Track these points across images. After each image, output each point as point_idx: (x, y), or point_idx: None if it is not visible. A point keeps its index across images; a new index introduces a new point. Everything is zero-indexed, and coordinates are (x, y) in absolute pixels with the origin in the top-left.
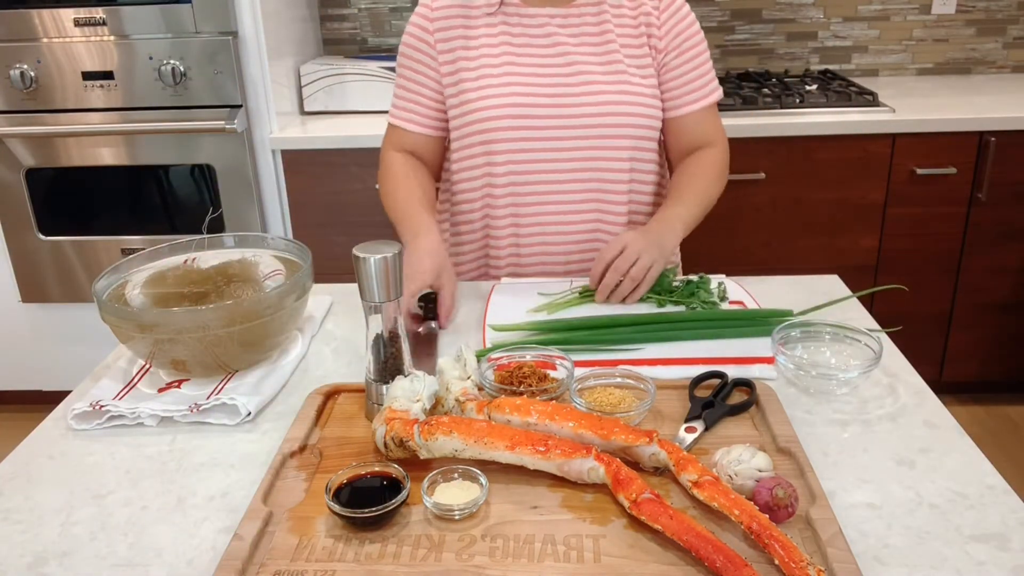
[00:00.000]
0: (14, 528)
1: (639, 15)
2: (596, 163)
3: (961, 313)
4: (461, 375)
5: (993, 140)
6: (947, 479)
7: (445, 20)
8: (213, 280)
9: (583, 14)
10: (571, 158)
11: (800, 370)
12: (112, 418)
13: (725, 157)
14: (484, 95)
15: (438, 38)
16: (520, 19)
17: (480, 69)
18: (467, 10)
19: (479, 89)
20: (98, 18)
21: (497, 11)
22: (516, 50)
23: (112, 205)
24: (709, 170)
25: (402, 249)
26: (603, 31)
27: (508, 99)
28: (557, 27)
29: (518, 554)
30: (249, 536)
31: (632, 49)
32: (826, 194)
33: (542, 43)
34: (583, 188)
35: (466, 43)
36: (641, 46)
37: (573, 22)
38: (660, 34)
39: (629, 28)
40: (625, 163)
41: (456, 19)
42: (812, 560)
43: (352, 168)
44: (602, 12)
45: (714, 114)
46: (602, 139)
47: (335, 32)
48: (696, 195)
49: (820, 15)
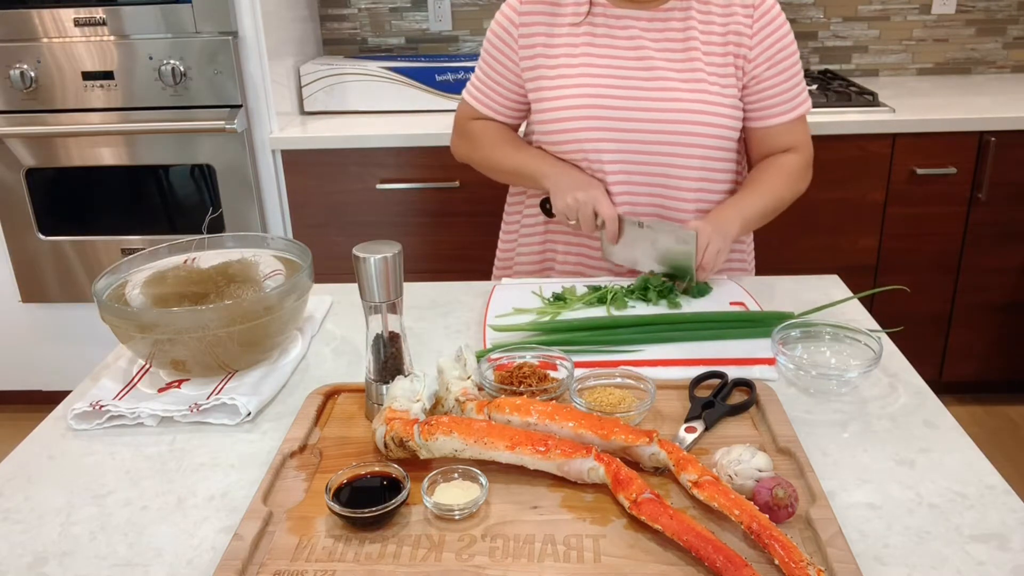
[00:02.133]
0: (14, 528)
1: (729, 22)
2: (665, 168)
3: (961, 313)
4: (461, 375)
5: (993, 140)
6: (947, 479)
7: (531, 16)
8: (213, 280)
9: (669, 18)
10: (641, 161)
11: (800, 370)
12: (112, 418)
13: (806, 163)
14: (560, 95)
15: (521, 33)
16: (606, 19)
17: (559, 68)
18: (555, 7)
19: (555, 88)
20: (98, 18)
21: (584, 20)
22: (597, 51)
23: (112, 205)
24: (785, 171)
25: (402, 249)
26: (687, 36)
27: (582, 99)
28: (641, 30)
29: (518, 554)
30: (249, 536)
31: (715, 56)
32: (826, 194)
33: (624, 45)
34: (649, 192)
35: (548, 40)
36: (726, 55)
37: (658, 26)
38: (751, 44)
39: (716, 35)
40: (694, 171)
41: (542, 16)
42: (812, 560)
43: (352, 168)
44: (688, 17)
45: (801, 125)
46: (673, 145)
47: (335, 32)
48: (765, 192)
49: (820, 15)
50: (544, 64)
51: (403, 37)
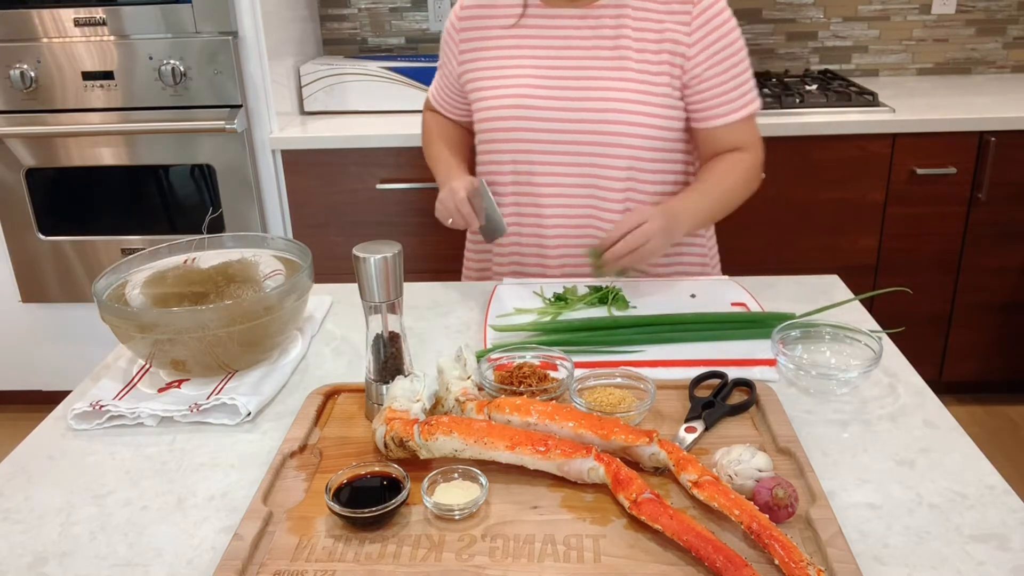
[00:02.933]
0: (14, 528)
1: (666, 21)
2: (593, 168)
3: (961, 313)
4: (461, 375)
5: (993, 140)
6: (947, 479)
7: (469, 20)
8: (213, 280)
9: (601, 15)
10: (570, 162)
11: (800, 370)
12: (112, 418)
13: (757, 163)
14: (491, 95)
15: (462, 37)
16: (539, 20)
17: (492, 70)
18: (492, 10)
19: (487, 89)
20: (98, 18)
21: (517, 22)
22: (529, 52)
23: (112, 205)
24: (740, 168)
25: (402, 249)
26: (619, 35)
27: (511, 100)
28: (574, 28)
29: (518, 554)
30: (249, 536)
31: (648, 55)
32: (826, 194)
33: (556, 45)
34: (580, 193)
35: (483, 44)
36: (660, 52)
37: (590, 23)
38: (689, 42)
39: (651, 33)
40: (622, 171)
41: (478, 19)
42: (812, 560)
43: (352, 168)
44: (622, 15)
45: (749, 126)
46: (599, 145)
47: (335, 32)
48: (720, 187)
49: (820, 15)
50: (479, 66)
51: (403, 37)
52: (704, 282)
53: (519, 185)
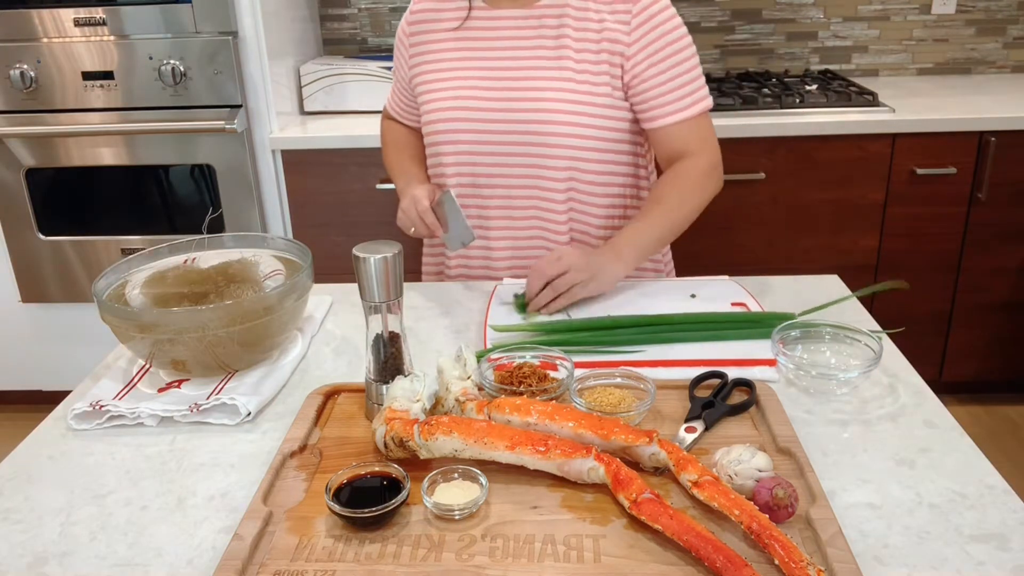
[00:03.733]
0: (14, 528)
1: (606, 20)
2: (535, 170)
3: (961, 313)
4: (461, 375)
5: (993, 140)
6: (947, 479)
7: (417, 24)
8: (213, 280)
9: (544, 15)
10: (513, 164)
11: (800, 370)
12: (112, 418)
13: (707, 167)
14: (434, 98)
15: (411, 41)
16: (483, 22)
17: (437, 73)
18: (438, 14)
19: (431, 92)
20: (98, 18)
21: (463, 24)
22: (473, 54)
23: (112, 205)
24: (684, 182)
25: (402, 249)
26: (560, 35)
27: (454, 102)
28: (516, 29)
29: (518, 554)
30: (249, 536)
31: (588, 54)
32: (826, 194)
33: (499, 46)
34: (525, 194)
35: (430, 47)
36: (599, 52)
37: (532, 24)
38: (628, 41)
39: (591, 33)
40: (562, 171)
41: (426, 23)
42: (812, 560)
43: (352, 168)
44: (563, 15)
45: (699, 125)
46: (540, 147)
47: (335, 32)
48: (664, 212)
49: (820, 15)
50: (425, 70)
51: None
52: (704, 282)
53: (464, 187)
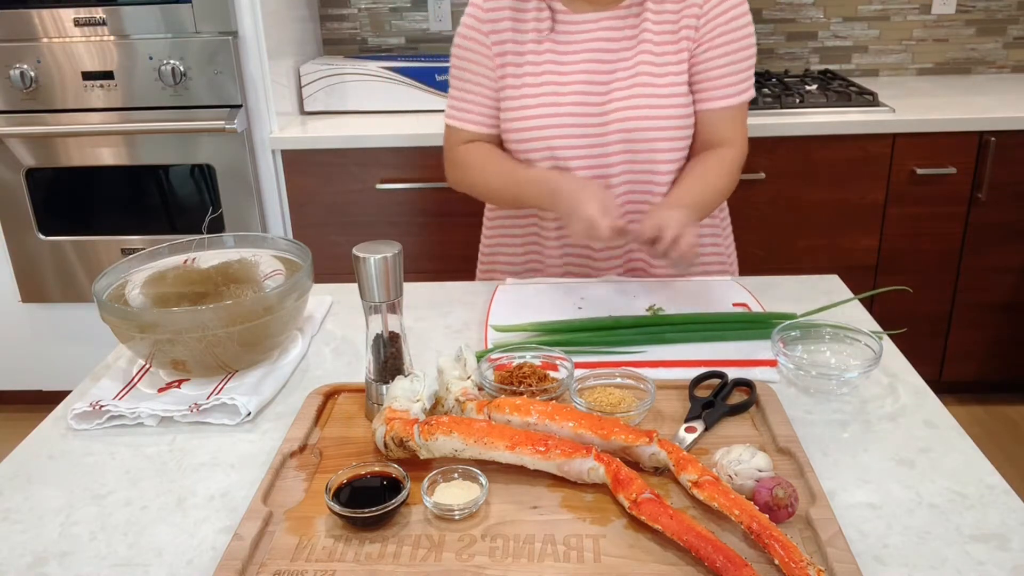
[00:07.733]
0: (14, 528)
1: (683, 9)
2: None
3: (961, 313)
4: (461, 375)
5: (993, 140)
6: (947, 479)
7: (497, 23)
8: (213, 280)
9: (628, 15)
10: (609, 163)
11: (800, 370)
12: (112, 418)
13: (739, 160)
14: (524, 104)
15: (491, 31)
16: (567, 26)
17: (524, 78)
18: (520, 13)
19: (520, 98)
20: (98, 18)
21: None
22: (559, 58)
23: (112, 205)
24: (724, 164)
25: (402, 249)
26: (640, 31)
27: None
28: (601, 29)
29: (518, 554)
30: (249, 536)
31: (667, 47)
32: (826, 194)
33: (586, 48)
34: (620, 191)
35: (515, 48)
36: (679, 40)
37: (616, 24)
38: (698, 24)
39: (668, 24)
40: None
41: (507, 21)
42: (812, 560)
43: (352, 168)
44: (643, 13)
45: (738, 115)
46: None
47: (335, 32)
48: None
49: (820, 15)
50: (511, 73)
51: (403, 37)
52: (704, 282)
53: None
